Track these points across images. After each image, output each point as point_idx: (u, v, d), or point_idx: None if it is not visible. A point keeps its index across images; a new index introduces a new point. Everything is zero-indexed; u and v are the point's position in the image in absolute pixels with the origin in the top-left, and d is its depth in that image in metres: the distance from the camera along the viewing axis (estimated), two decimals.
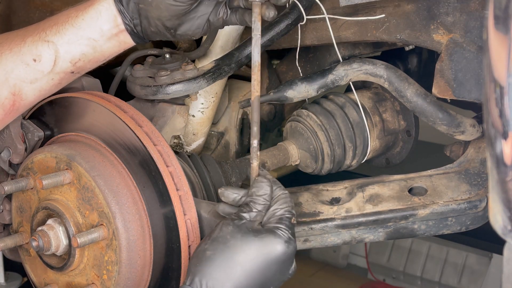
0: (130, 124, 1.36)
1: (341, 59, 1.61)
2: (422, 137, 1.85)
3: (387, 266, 3.67)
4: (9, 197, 1.52)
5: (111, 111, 1.38)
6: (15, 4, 1.96)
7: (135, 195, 1.34)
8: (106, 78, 1.61)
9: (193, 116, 1.72)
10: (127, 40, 1.35)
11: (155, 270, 1.37)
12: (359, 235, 1.54)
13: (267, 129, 1.99)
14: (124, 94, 1.55)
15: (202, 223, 1.36)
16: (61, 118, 1.47)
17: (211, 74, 1.49)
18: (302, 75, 1.67)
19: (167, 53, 1.55)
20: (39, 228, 1.38)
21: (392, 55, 1.91)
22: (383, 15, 1.49)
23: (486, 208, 1.49)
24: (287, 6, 1.50)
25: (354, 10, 1.54)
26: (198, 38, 1.40)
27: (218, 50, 1.65)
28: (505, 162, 0.90)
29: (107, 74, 1.99)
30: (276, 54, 2.05)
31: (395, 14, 1.49)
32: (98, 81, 1.54)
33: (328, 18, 1.53)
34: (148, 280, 1.38)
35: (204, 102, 1.72)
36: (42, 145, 1.50)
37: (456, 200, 1.49)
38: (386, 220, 1.51)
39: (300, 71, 1.76)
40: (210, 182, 1.55)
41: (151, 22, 1.31)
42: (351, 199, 1.55)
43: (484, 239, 3.08)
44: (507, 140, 0.89)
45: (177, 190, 1.33)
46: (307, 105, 1.70)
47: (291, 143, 1.67)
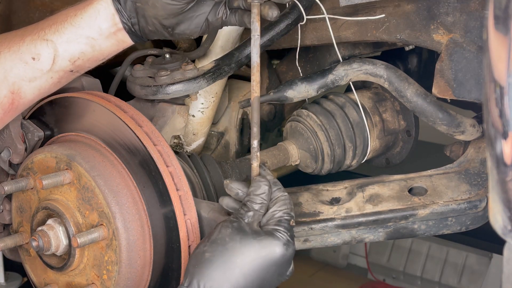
0: (130, 124, 1.36)
1: (341, 59, 1.61)
2: (422, 137, 1.85)
3: (387, 266, 3.67)
4: (9, 197, 1.52)
5: (111, 111, 1.38)
6: (15, 4, 1.95)
7: (135, 195, 1.34)
8: (106, 78, 1.61)
9: (193, 116, 1.72)
10: (126, 39, 1.35)
11: (155, 270, 1.37)
12: (359, 235, 1.54)
13: (267, 129, 1.99)
14: (124, 94, 1.54)
15: (202, 223, 1.36)
16: (61, 118, 1.47)
17: (211, 74, 1.49)
18: (302, 75, 1.66)
19: (167, 53, 1.55)
20: (39, 228, 1.38)
21: (392, 55, 1.90)
22: (383, 15, 1.49)
23: (486, 208, 1.49)
24: (287, 6, 1.50)
25: (354, 10, 1.54)
26: (197, 37, 1.40)
27: (218, 50, 1.65)
28: (505, 162, 0.90)
29: (107, 74, 1.98)
30: (276, 54, 2.05)
31: (395, 14, 1.49)
32: (98, 81, 1.54)
33: (328, 18, 1.53)
34: (148, 280, 1.37)
35: (204, 102, 1.71)
36: (42, 145, 1.50)
37: (456, 200, 1.49)
38: (386, 220, 1.51)
39: (300, 71, 1.75)
40: (210, 182, 1.55)
41: (148, 21, 1.32)
42: (351, 199, 1.55)
43: (484, 239, 3.08)
44: (507, 140, 0.89)
45: (177, 190, 1.33)
46: (307, 105, 1.70)
47: (291, 143, 1.67)
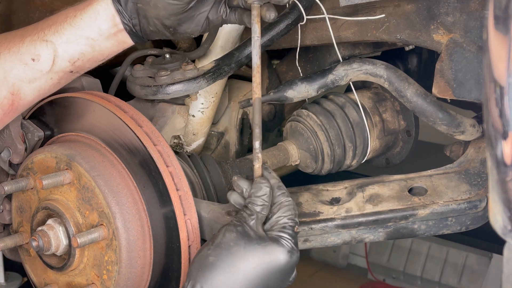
0: (130, 124, 1.36)
1: (341, 59, 1.61)
2: (422, 137, 1.85)
3: (387, 266, 3.67)
4: (9, 197, 1.52)
5: (111, 111, 1.37)
6: (15, 4, 1.95)
7: (135, 195, 1.34)
8: (106, 78, 1.61)
9: (193, 116, 1.72)
10: (126, 39, 1.35)
11: (155, 270, 1.36)
12: (359, 235, 1.54)
13: (267, 129, 1.99)
14: (124, 94, 1.54)
15: (202, 223, 1.36)
16: (61, 118, 1.47)
17: (211, 74, 1.49)
18: (302, 75, 1.66)
19: (167, 53, 1.55)
20: (39, 228, 1.38)
21: (392, 55, 1.90)
22: (383, 15, 1.49)
23: (486, 208, 1.49)
24: (287, 6, 1.50)
25: (354, 10, 1.54)
26: (198, 36, 1.40)
27: (218, 50, 1.65)
28: (505, 162, 0.90)
29: (107, 74, 1.98)
30: (276, 54, 2.05)
31: (395, 14, 1.49)
32: (98, 81, 1.54)
33: (328, 18, 1.53)
34: (148, 280, 1.37)
35: (204, 102, 1.71)
36: (42, 145, 1.50)
37: (456, 200, 1.49)
38: (386, 220, 1.50)
39: (300, 71, 1.75)
40: (210, 182, 1.55)
41: (149, 22, 1.31)
42: (351, 199, 1.55)
43: (484, 239, 3.08)
44: (507, 140, 0.89)
45: (177, 190, 1.33)
46: (307, 105, 1.70)
47: (291, 143, 1.67)
